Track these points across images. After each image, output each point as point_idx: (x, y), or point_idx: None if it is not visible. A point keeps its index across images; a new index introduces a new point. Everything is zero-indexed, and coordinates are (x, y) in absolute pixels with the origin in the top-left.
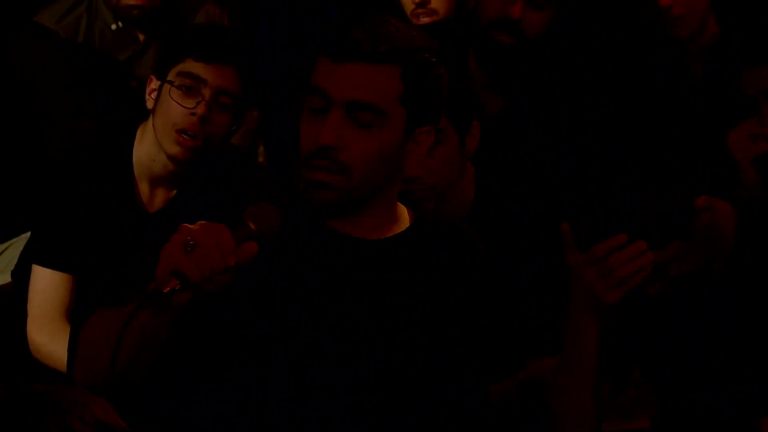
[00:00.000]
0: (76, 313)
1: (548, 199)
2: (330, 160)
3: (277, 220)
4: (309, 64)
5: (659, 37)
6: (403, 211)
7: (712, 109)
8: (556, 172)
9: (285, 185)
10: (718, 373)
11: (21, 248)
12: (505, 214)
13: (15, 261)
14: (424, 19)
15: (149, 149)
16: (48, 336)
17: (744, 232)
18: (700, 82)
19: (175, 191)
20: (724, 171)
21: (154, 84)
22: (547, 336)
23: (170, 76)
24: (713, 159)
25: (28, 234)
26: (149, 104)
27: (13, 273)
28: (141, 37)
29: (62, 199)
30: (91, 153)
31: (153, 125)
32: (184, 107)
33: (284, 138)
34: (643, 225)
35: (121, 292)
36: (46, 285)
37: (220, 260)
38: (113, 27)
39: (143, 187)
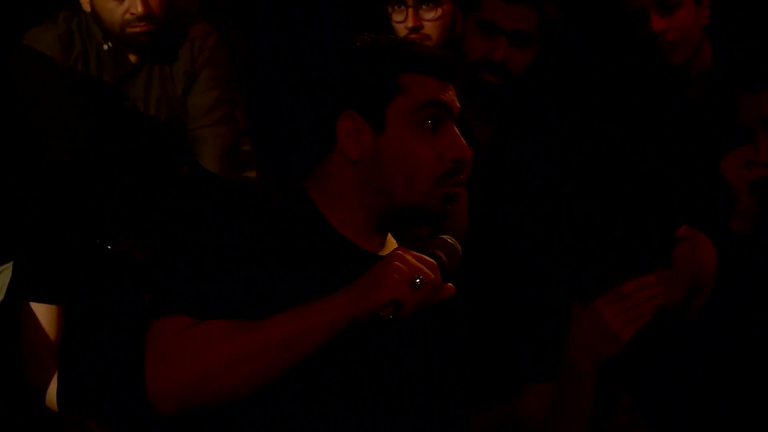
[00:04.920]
0: (67, 341)
1: (542, 223)
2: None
3: (460, 253)
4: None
5: (655, 62)
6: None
7: (706, 134)
8: (549, 199)
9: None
10: (707, 398)
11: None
12: (500, 240)
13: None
14: None
15: None
16: (35, 371)
17: (732, 263)
18: (695, 107)
19: None
20: (719, 197)
21: None
22: (544, 362)
23: None
24: (708, 185)
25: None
26: None
27: (1, 304)
28: (132, 58)
29: (42, 230)
30: (70, 179)
31: None
32: None
33: (275, 137)
34: (627, 252)
35: (107, 316)
36: (33, 319)
37: (433, 298)
38: (105, 47)
39: None
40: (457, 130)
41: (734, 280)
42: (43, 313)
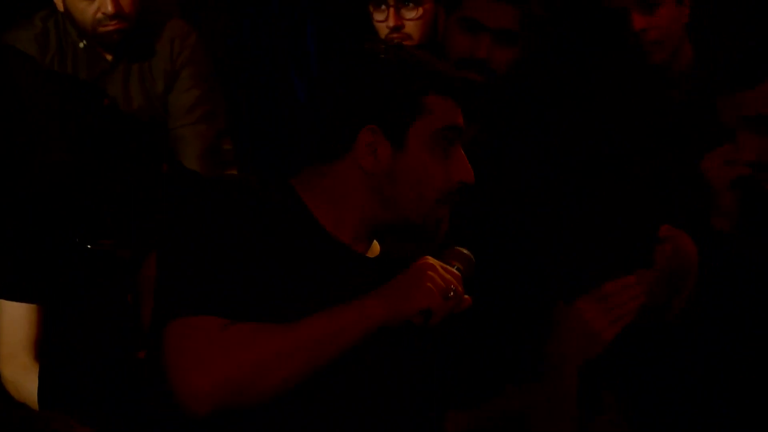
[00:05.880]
0: (51, 342)
1: (526, 222)
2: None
3: (473, 263)
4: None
5: (637, 62)
6: None
7: (687, 134)
8: (533, 197)
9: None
10: (691, 397)
11: None
12: (482, 238)
13: None
14: None
15: None
16: (14, 371)
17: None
18: (676, 106)
19: None
20: (699, 197)
21: None
22: (529, 363)
23: None
24: (689, 185)
25: None
26: None
27: None
28: (108, 56)
29: (20, 228)
30: (52, 179)
31: None
32: None
33: (256, 136)
34: (609, 253)
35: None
36: (12, 318)
37: (457, 309)
38: (81, 45)
39: None
40: (464, 154)
41: (715, 279)
42: (22, 312)
